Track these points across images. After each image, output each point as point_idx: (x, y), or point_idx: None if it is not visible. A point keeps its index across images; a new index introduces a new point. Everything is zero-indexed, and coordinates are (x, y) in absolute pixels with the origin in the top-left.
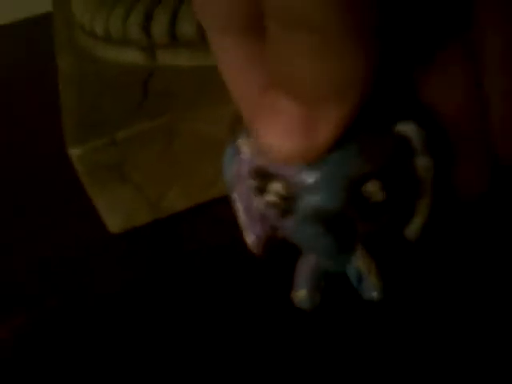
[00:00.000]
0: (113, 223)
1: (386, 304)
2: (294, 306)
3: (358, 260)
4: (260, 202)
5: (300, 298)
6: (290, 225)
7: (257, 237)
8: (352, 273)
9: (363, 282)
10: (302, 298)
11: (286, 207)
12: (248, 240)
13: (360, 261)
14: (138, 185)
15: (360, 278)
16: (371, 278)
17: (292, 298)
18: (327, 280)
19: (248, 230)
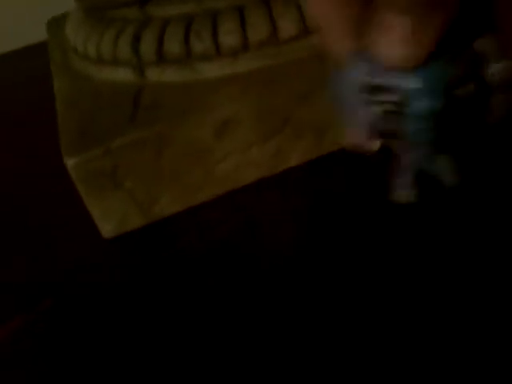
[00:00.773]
0: (106, 228)
1: (386, 304)
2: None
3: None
4: (372, 113)
5: (402, 196)
6: (402, 126)
7: (365, 144)
8: (439, 169)
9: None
10: (404, 196)
11: (397, 112)
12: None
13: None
14: (131, 191)
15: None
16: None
17: (393, 197)
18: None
19: (358, 140)
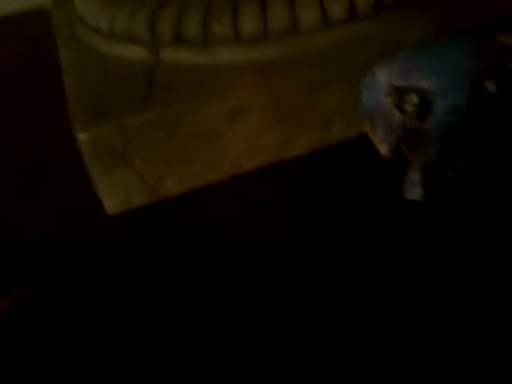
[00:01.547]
0: (111, 205)
1: (386, 301)
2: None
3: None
4: (398, 114)
5: (415, 194)
6: (429, 124)
7: (389, 146)
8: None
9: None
10: (417, 194)
11: (423, 112)
12: (382, 150)
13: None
14: (139, 169)
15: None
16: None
17: (404, 195)
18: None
19: (384, 142)
